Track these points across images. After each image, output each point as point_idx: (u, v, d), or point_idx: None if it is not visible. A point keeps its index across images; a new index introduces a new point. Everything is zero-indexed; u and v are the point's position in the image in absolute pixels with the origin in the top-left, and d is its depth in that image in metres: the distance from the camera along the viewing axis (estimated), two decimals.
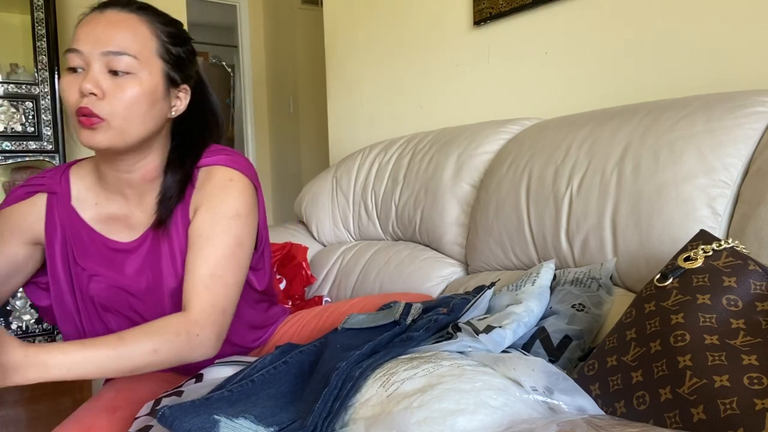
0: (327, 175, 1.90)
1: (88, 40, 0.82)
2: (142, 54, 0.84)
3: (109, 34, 0.83)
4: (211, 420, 0.69)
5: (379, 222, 1.67)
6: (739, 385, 0.60)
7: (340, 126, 2.37)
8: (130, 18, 0.85)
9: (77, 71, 0.83)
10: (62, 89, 0.85)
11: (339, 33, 2.34)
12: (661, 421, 0.64)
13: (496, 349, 0.82)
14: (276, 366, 0.83)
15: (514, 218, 1.22)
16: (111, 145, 0.84)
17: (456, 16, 1.79)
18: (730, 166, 0.93)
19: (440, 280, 1.40)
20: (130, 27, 0.85)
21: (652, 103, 1.11)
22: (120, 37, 0.83)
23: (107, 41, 0.82)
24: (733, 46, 1.16)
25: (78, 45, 0.83)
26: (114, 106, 0.83)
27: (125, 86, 0.83)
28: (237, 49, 4.31)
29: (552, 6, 1.50)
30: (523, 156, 1.26)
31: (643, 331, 0.72)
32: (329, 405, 0.69)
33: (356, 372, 0.72)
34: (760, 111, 0.95)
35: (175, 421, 0.69)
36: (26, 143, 2.58)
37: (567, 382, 0.68)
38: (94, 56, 0.82)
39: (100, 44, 0.82)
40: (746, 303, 0.68)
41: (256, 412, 0.73)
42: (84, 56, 0.82)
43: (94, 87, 0.81)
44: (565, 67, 1.49)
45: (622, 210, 1.02)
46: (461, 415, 0.61)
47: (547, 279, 0.99)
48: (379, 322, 0.92)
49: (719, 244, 0.73)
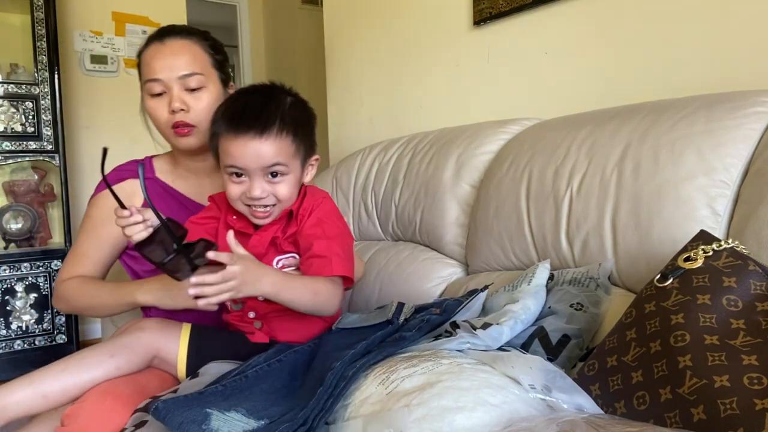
0: (327, 175, 1.90)
1: (164, 70, 1.08)
2: (205, 69, 1.11)
3: (179, 60, 1.09)
4: (203, 413, 0.70)
5: (379, 222, 1.67)
6: (739, 385, 0.60)
7: (340, 126, 2.37)
8: (185, 43, 1.10)
9: (161, 95, 1.09)
10: (152, 110, 1.11)
11: (339, 33, 2.34)
12: (661, 421, 0.64)
13: (494, 344, 0.82)
14: (270, 364, 0.85)
15: (514, 218, 1.22)
16: (201, 144, 1.12)
17: (456, 16, 1.79)
18: (730, 167, 0.93)
19: (440, 281, 1.40)
20: (190, 51, 1.10)
21: (652, 103, 1.11)
22: (187, 60, 1.09)
23: (180, 67, 1.08)
24: (733, 46, 1.16)
25: (157, 75, 1.08)
26: (198, 115, 1.10)
27: (201, 98, 1.10)
28: (237, 49, 4.30)
29: (552, 6, 1.50)
30: (523, 156, 1.26)
31: (643, 331, 0.72)
32: (322, 402, 0.70)
33: (350, 372, 0.73)
34: (760, 111, 0.95)
35: (168, 415, 0.70)
36: (26, 143, 2.58)
37: (565, 380, 0.68)
38: (172, 81, 1.08)
39: (174, 71, 1.08)
40: (746, 303, 0.68)
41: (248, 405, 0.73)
42: (164, 83, 1.08)
43: (182, 104, 1.08)
44: (565, 67, 1.49)
45: (622, 210, 1.01)
46: (460, 412, 0.61)
47: (542, 278, 1.00)
48: (372, 321, 0.93)
49: (719, 245, 0.73)
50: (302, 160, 1.00)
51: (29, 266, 2.54)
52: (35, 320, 2.56)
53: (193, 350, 0.98)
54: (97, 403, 0.85)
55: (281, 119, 0.95)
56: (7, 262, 2.50)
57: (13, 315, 2.52)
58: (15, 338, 2.52)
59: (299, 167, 0.99)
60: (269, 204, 0.97)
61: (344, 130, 2.34)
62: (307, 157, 1.01)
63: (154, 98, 1.11)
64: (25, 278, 2.54)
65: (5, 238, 2.66)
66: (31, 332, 2.55)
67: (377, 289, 1.50)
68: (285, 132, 0.95)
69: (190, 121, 1.10)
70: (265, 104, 0.96)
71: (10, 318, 2.52)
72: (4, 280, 2.50)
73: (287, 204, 1.00)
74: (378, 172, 1.70)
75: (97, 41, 3.03)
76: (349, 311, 1.09)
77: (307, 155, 1.01)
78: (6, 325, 2.51)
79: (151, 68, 1.09)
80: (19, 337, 2.53)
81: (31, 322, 2.55)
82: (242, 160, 0.93)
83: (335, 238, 0.99)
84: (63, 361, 0.92)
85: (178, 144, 1.14)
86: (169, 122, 1.10)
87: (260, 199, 0.95)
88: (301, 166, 1.00)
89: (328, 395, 0.71)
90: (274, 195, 0.96)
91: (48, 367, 0.91)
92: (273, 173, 0.95)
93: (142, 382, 0.93)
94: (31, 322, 2.55)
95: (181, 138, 1.11)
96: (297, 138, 0.97)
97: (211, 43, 1.15)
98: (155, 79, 1.09)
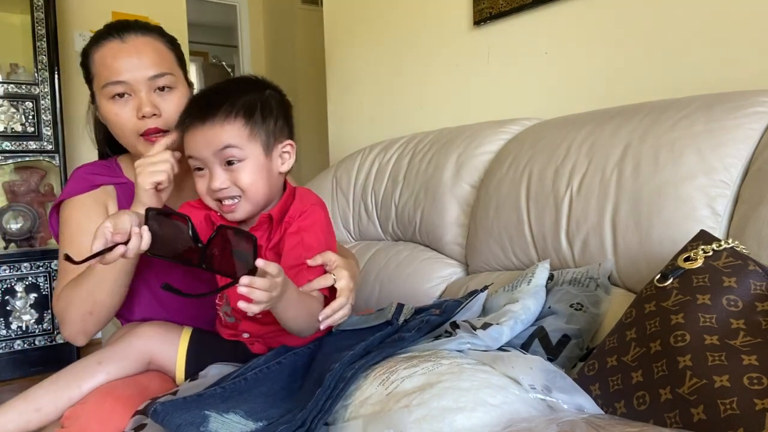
0: (327, 175, 1.90)
1: (129, 70, 0.97)
2: (173, 68, 1.02)
3: (145, 59, 0.98)
4: (202, 415, 0.70)
5: (379, 222, 1.67)
6: (739, 385, 0.60)
7: (340, 126, 2.37)
8: (149, 41, 1.01)
9: (123, 96, 0.98)
10: (114, 115, 0.98)
11: (339, 33, 2.34)
12: (661, 421, 0.64)
13: (494, 344, 0.82)
14: (269, 366, 0.85)
15: (514, 218, 1.22)
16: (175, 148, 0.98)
17: (456, 16, 1.79)
18: (730, 166, 0.93)
19: (440, 281, 1.40)
20: (154, 48, 1.00)
21: (652, 103, 1.11)
22: (154, 59, 0.99)
23: (147, 66, 0.98)
24: (733, 46, 1.16)
25: (121, 77, 0.96)
26: (171, 118, 0.98)
27: (172, 98, 1.00)
28: (237, 49, 4.30)
29: (552, 6, 1.50)
30: (523, 156, 1.26)
31: (643, 331, 0.72)
32: (321, 403, 0.70)
33: (348, 373, 0.73)
34: (760, 111, 0.95)
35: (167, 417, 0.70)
36: (26, 143, 2.58)
37: (565, 380, 0.68)
38: (140, 83, 0.97)
39: (142, 71, 0.97)
40: (746, 303, 0.68)
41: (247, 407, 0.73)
42: (130, 85, 0.97)
43: (153, 109, 0.97)
44: (565, 67, 1.49)
45: (622, 210, 1.01)
46: (460, 413, 0.61)
47: (542, 278, 1.00)
48: (371, 322, 0.93)
49: (719, 245, 0.73)
50: (265, 145, 0.92)
51: (29, 266, 2.54)
52: (35, 320, 2.56)
53: (192, 356, 0.96)
54: (97, 405, 0.85)
55: (230, 103, 0.89)
56: (7, 262, 2.50)
57: (13, 315, 2.52)
58: (15, 338, 2.52)
59: (260, 152, 0.91)
60: (233, 195, 0.90)
61: (344, 130, 2.34)
62: (272, 143, 0.93)
63: (115, 102, 0.98)
64: (25, 278, 2.54)
65: (5, 238, 2.66)
66: (31, 332, 2.55)
67: (377, 289, 1.50)
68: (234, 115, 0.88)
69: (162, 127, 0.99)
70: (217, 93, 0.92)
71: (10, 318, 2.52)
72: (4, 280, 2.50)
73: (257, 196, 0.92)
74: (378, 172, 1.70)
75: None
76: None
77: (273, 140, 0.93)
78: (6, 325, 2.51)
79: (111, 69, 0.98)
80: (19, 337, 2.53)
81: (31, 322, 2.55)
82: (195, 150, 0.89)
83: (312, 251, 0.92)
84: (55, 375, 0.91)
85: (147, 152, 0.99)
86: (137, 128, 0.99)
87: (221, 190, 0.89)
88: (264, 151, 0.92)
89: (327, 396, 0.71)
90: (235, 184, 0.89)
91: (40, 383, 0.90)
92: (229, 161, 0.89)
93: (143, 383, 0.92)
94: (31, 322, 2.55)
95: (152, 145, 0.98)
96: (251, 121, 0.90)
97: (169, 38, 1.06)
98: (119, 81, 0.97)
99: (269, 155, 0.93)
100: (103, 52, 0.99)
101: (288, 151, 0.96)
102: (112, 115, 0.99)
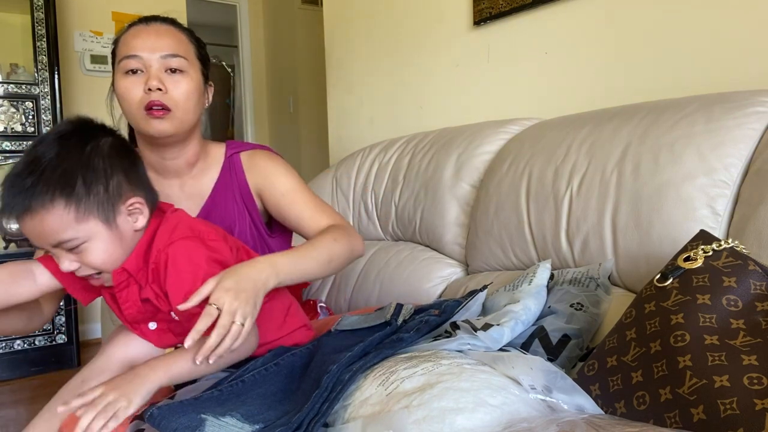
0: (327, 175, 1.90)
1: (146, 47, 1.00)
2: (188, 55, 1.04)
3: (162, 41, 1.01)
4: (198, 419, 0.69)
5: (379, 222, 1.67)
6: (739, 385, 0.60)
7: (340, 126, 2.37)
8: (172, 29, 1.05)
9: (136, 73, 1.00)
10: (125, 89, 1.00)
11: (339, 33, 2.34)
12: (661, 421, 0.64)
13: (495, 345, 0.82)
14: (267, 367, 0.84)
15: (514, 218, 1.22)
16: (175, 131, 1.02)
17: (456, 16, 1.79)
18: (730, 166, 0.93)
19: (440, 281, 1.40)
20: (175, 35, 1.04)
21: (652, 103, 1.11)
22: (171, 42, 1.02)
23: (162, 46, 1.01)
24: (733, 46, 1.16)
25: (136, 51, 0.99)
26: (176, 99, 1.00)
27: (181, 82, 1.02)
28: (237, 49, 4.30)
29: (552, 6, 1.50)
30: (523, 156, 1.26)
31: (643, 331, 0.72)
32: (317, 406, 0.69)
33: (346, 376, 0.73)
34: (760, 111, 0.95)
35: (163, 421, 0.70)
36: (26, 143, 2.57)
37: (565, 380, 0.68)
38: (153, 59, 1.00)
39: (157, 49, 1.00)
40: (746, 303, 0.68)
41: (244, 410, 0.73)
42: (143, 60, 1.00)
43: (159, 83, 0.99)
44: (565, 67, 1.49)
45: (622, 210, 1.01)
46: (460, 413, 0.61)
47: (543, 278, 1.00)
48: (370, 323, 0.92)
49: (719, 245, 0.73)
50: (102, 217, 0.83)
51: None
52: None
53: None
54: None
55: (43, 184, 0.79)
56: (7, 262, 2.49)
57: None
58: (15, 338, 2.52)
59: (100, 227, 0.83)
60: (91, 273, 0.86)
61: (344, 130, 2.34)
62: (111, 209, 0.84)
63: (128, 77, 1.00)
64: None
65: (5, 238, 2.66)
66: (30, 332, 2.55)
67: (377, 289, 1.50)
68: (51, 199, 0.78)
69: (166, 103, 0.99)
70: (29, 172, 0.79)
71: None
72: None
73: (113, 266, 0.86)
74: (378, 172, 1.70)
75: (97, 41, 3.03)
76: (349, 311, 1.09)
77: (111, 206, 0.84)
78: None
79: (130, 46, 1.00)
80: (19, 337, 2.53)
81: None
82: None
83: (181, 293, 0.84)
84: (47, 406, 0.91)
85: (150, 128, 1.00)
86: (143, 102, 0.99)
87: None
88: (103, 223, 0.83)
89: (324, 399, 0.70)
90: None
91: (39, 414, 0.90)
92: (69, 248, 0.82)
93: None
94: None
95: (154, 120, 0.99)
96: (72, 199, 0.80)
97: (196, 38, 1.11)
98: (133, 56, 0.99)
99: (112, 223, 0.84)
100: (128, 34, 1.04)
101: (137, 207, 0.88)
102: (123, 89, 1.01)
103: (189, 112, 1.03)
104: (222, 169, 1.15)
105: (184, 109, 1.02)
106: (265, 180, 1.14)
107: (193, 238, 0.88)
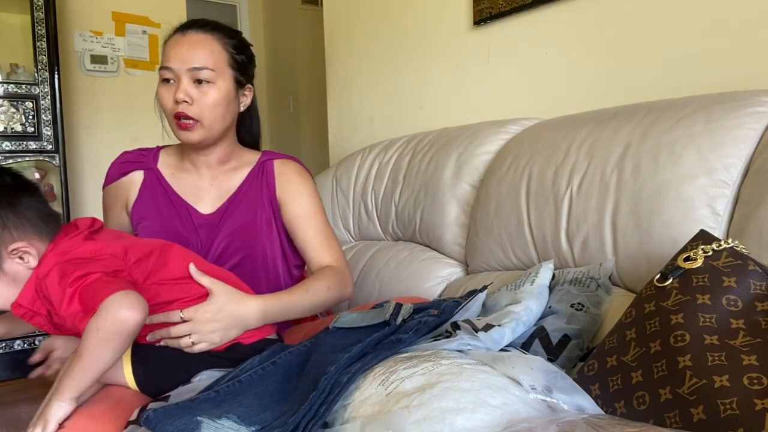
0: (327, 175, 1.90)
1: (177, 59, 1.08)
2: (217, 66, 1.10)
3: (193, 53, 1.09)
4: (194, 421, 0.69)
5: (379, 222, 1.67)
6: (739, 385, 0.60)
7: (340, 126, 2.37)
8: (206, 38, 1.11)
9: (170, 82, 1.10)
10: (161, 96, 1.11)
11: (339, 33, 2.34)
12: (661, 421, 0.64)
13: (495, 346, 0.82)
14: (264, 367, 0.84)
15: (514, 218, 1.22)
16: (202, 140, 1.12)
17: (456, 16, 1.79)
18: (730, 166, 0.93)
19: (440, 281, 1.40)
20: (206, 46, 1.10)
21: (652, 103, 1.11)
22: (200, 55, 1.09)
23: (191, 60, 1.08)
24: (732, 46, 1.16)
25: (169, 63, 1.09)
26: (201, 109, 1.09)
27: (209, 92, 1.09)
28: None
29: (552, 6, 1.50)
30: (523, 156, 1.26)
31: (643, 331, 0.72)
32: (315, 408, 0.69)
33: (344, 378, 0.72)
34: (760, 111, 0.95)
35: (159, 424, 0.69)
36: (26, 143, 2.57)
37: (566, 380, 0.68)
38: (182, 72, 1.08)
39: (186, 62, 1.08)
40: (746, 303, 0.68)
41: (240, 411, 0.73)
42: (174, 72, 1.09)
43: (185, 96, 1.07)
44: (565, 67, 1.49)
45: (622, 210, 1.01)
46: (460, 413, 0.61)
47: (545, 279, 0.99)
48: (369, 321, 0.91)
49: (719, 244, 0.73)
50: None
51: None
52: None
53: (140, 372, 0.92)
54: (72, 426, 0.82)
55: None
56: None
57: None
58: (15, 338, 2.52)
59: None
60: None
61: (344, 130, 2.34)
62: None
63: (164, 85, 1.11)
64: None
65: None
66: (31, 332, 2.55)
67: (377, 289, 1.50)
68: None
69: (191, 114, 1.08)
70: None
71: None
72: None
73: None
74: (378, 172, 1.70)
75: (97, 41, 3.03)
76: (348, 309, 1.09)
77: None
78: None
79: (166, 56, 1.11)
80: (19, 337, 2.53)
81: None
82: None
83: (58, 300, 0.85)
84: None
85: (180, 137, 1.13)
86: (173, 111, 1.10)
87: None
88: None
89: (321, 401, 0.70)
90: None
91: None
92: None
93: (116, 395, 0.90)
94: None
95: (182, 131, 1.11)
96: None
97: (235, 42, 1.16)
98: (167, 67, 1.10)
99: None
100: (169, 42, 1.12)
101: (23, 251, 0.88)
102: (160, 96, 1.12)
103: (216, 120, 1.11)
104: (252, 171, 1.22)
105: (210, 118, 1.10)
106: (289, 195, 1.20)
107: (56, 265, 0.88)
